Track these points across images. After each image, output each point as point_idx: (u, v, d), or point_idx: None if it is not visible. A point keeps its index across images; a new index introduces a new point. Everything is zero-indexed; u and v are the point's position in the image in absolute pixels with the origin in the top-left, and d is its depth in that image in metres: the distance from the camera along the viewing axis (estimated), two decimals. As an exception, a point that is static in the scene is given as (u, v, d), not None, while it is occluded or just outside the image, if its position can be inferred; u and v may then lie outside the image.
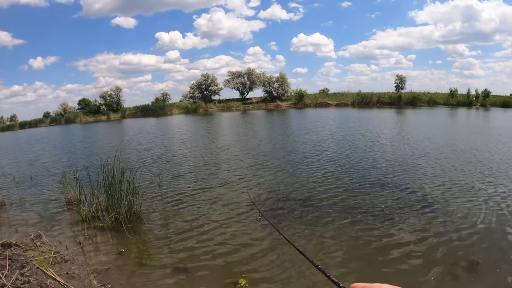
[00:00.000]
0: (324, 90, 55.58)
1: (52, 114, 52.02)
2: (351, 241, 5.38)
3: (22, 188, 9.61)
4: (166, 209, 7.26)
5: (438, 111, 33.01)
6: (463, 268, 4.45)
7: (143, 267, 4.93)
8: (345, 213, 6.47)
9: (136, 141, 19.45)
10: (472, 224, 5.72)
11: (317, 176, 9.15)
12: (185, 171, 10.72)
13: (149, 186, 8.41)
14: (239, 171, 10.21)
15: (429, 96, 44.53)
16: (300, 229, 5.87)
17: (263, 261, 4.84)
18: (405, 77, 49.34)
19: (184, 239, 5.77)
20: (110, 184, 6.73)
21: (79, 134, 29.76)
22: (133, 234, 6.11)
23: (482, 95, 40.27)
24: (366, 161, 10.67)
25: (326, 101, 47.94)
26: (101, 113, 49.98)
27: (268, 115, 35.78)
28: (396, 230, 5.62)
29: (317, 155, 11.97)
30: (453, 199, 6.95)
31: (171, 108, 51.03)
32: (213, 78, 54.14)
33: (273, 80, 52.80)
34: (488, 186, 7.67)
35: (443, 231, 5.50)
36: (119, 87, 52.88)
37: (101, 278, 4.58)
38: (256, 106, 50.90)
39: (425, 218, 6.06)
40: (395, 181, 8.32)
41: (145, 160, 12.55)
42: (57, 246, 5.52)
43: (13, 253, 4.68)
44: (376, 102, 45.36)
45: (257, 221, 6.04)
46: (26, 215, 7.49)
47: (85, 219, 6.73)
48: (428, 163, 10.10)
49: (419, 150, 12.08)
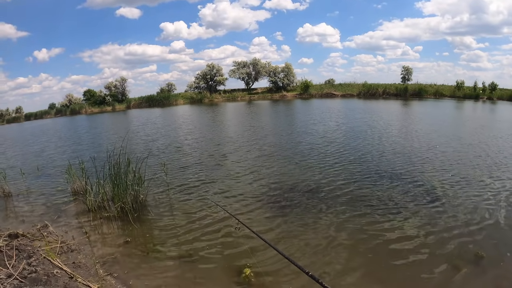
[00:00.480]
0: (330, 80, 55.11)
1: (58, 105, 52.17)
2: (356, 233, 5.35)
3: (28, 179, 9.68)
4: (171, 199, 7.28)
5: (445, 104, 32.64)
6: (467, 261, 4.43)
7: (149, 256, 4.95)
8: (351, 205, 6.44)
9: (142, 131, 19.47)
10: (476, 218, 5.66)
11: (324, 167, 9.10)
12: (191, 161, 10.73)
13: (154, 176, 8.42)
14: (245, 162, 10.18)
15: (436, 88, 43.93)
16: (306, 221, 5.85)
17: (269, 253, 4.83)
18: (411, 69, 48.70)
19: (190, 229, 5.78)
20: (116, 174, 6.75)
21: (85, 125, 29.87)
22: (139, 223, 6.13)
23: (489, 88, 39.60)
24: (373, 153, 10.58)
25: (331, 92, 47.56)
26: (106, 104, 50.08)
27: (274, 105, 35.63)
28: (401, 223, 5.58)
29: (325, 146, 11.90)
30: (459, 193, 6.88)
31: (176, 98, 50.97)
32: (218, 68, 53.90)
33: (279, 71, 52.42)
34: (495, 180, 7.56)
35: (447, 225, 5.46)
36: (124, 77, 52.92)
37: (107, 267, 4.61)
38: (262, 96, 50.67)
39: (430, 211, 6.01)
40: (402, 174, 8.26)
41: (151, 150, 12.56)
42: (64, 236, 5.56)
43: (20, 243, 4.71)
44: (382, 93, 44.93)
45: (236, 230, 5.54)
46: (32, 205, 7.54)
47: (91, 209, 6.77)
48: (435, 156, 9.99)
49: (426, 143, 11.94)
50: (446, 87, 44.48)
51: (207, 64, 54.05)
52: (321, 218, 5.92)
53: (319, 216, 6.00)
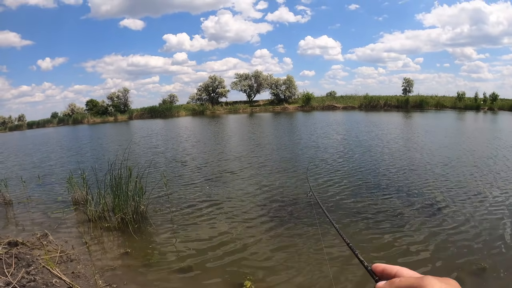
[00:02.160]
0: (331, 93, 55.53)
1: (60, 114, 52.70)
2: (360, 244, 5.31)
3: (29, 188, 9.68)
4: (172, 210, 7.24)
5: (446, 115, 32.68)
6: (469, 273, 4.39)
7: (149, 267, 4.91)
8: (351, 216, 6.41)
9: (144, 142, 19.54)
10: (479, 230, 5.62)
11: (331, 179, 9.10)
12: (192, 173, 10.72)
13: (156, 187, 8.41)
14: (248, 176, 10.12)
15: (437, 100, 44.14)
16: (308, 230, 5.82)
17: (269, 263, 4.80)
18: (412, 80, 49.15)
19: (190, 240, 5.75)
20: (117, 184, 6.74)
21: (87, 135, 29.99)
22: (139, 234, 6.10)
23: (490, 99, 39.77)
24: (378, 166, 10.57)
25: (333, 104, 47.79)
26: (108, 114, 50.41)
27: (276, 118, 35.72)
28: (402, 234, 5.54)
29: (337, 159, 11.90)
30: (462, 204, 6.84)
31: (178, 109, 51.30)
32: (221, 80, 54.38)
33: (280, 83, 52.87)
34: (499, 193, 7.52)
35: (450, 236, 5.41)
36: (126, 88, 53.52)
37: (107, 278, 4.57)
38: (263, 108, 50.92)
39: (433, 223, 5.97)
40: (405, 186, 8.24)
41: (152, 161, 12.57)
42: (63, 246, 5.53)
43: (20, 252, 4.69)
44: (383, 105, 45.15)
45: (307, 196, 6.73)
46: (33, 214, 7.53)
47: (91, 219, 6.75)
48: (440, 168, 9.94)
49: (430, 156, 11.89)
50: (447, 98, 44.69)
51: (209, 76, 54.71)
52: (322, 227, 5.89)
53: (320, 225, 5.97)
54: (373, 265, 0.78)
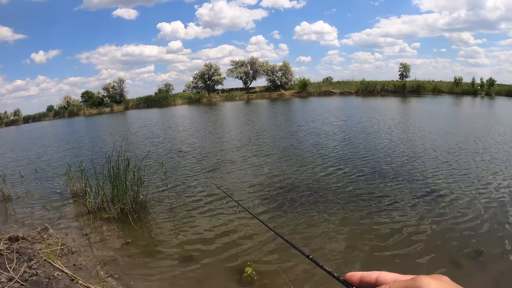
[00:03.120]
0: (328, 78, 55.17)
1: (56, 107, 52.18)
2: (356, 228, 5.38)
3: (27, 182, 9.68)
4: (171, 199, 7.27)
5: (443, 100, 32.67)
6: (467, 256, 4.45)
7: (149, 257, 4.95)
8: (351, 201, 6.47)
9: (140, 132, 19.46)
10: (477, 214, 5.69)
11: (327, 165, 9.13)
12: (190, 161, 10.73)
13: (154, 176, 8.41)
14: (245, 161, 10.17)
15: (434, 85, 44.00)
16: (306, 215, 5.86)
17: (269, 249, 4.84)
18: (409, 66, 49.00)
19: (190, 228, 5.79)
20: (115, 175, 6.74)
21: (83, 127, 29.83)
22: (139, 224, 6.13)
23: (487, 84, 39.72)
24: (378, 151, 10.62)
25: (329, 90, 47.61)
26: (104, 105, 50.06)
27: (273, 104, 35.62)
28: (401, 219, 5.60)
29: (329, 145, 11.93)
30: (460, 189, 6.90)
31: (174, 98, 50.98)
32: (216, 67, 53.96)
33: (277, 69, 52.47)
34: (497, 177, 7.58)
35: (448, 221, 5.48)
36: (122, 78, 52.91)
37: (108, 269, 4.61)
38: (260, 95, 50.69)
39: (431, 207, 6.04)
40: (405, 171, 8.29)
41: (150, 151, 12.55)
42: (64, 238, 5.55)
43: (21, 246, 4.71)
44: (380, 90, 45.01)
45: (236, 213, 5.81)
46: (32, 208, 7.54)
47: (91, 211, 6.77)
48: (438, 154, 10.02)
49: (430, 142, 11.91)
50: (444, 83, 44.55)
51: (205, 64, 54.17)
52: (320, 213, 5.92)
53: (318, 211, 6.00)
54: (347, 274, 0.70)
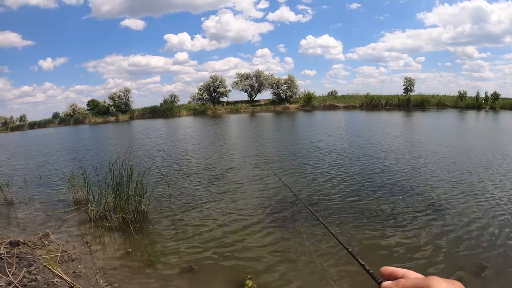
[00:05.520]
0: (333, 92, 55.40)
1: (61, 114, 52.77)
2: (360, 244, 5.32)
3: (31, 188, 9.71)
4: (173, 210, 7.25)
5: (448, 114, 32.58)
6: (470, 272, 4.38)
7: (150, 267, 4.92)
8: (352, 216, 6.41)
9: (145, 142, 19.54)
10: (480, 229, 5.62)
11: (335, 178, 9.09)
12: (193, 173, 10.72)
13: (157, 186, 8.41)
14: (250, 177, 10.09)
15: (438, 99, 44.02)
16: (311, 230, 5.82)
17: (270, 262, 4.80)
18: (413, 80, 49.08)
19: (191, 239, 5.75)
20: (118, 184, 6.74)
21: (88, 135, 30.01)
22: (140, 234, 6.10)
23: (491, 98, 39.66)
24: (382, 165, 10.58)
25: (334, 104, 47.75)
26: (109, 114, 50.48)
27: (277, 118, 35.68)
28: (403, 233, 5.53)
29: (338, 160, 11.90)
30: (464, 204, 6.82)
31: (179, 109, 51.35)
32: (222, 80, 54.43)
33: (282, 82, 52.82)
34: (500, 191, 7.50)
35: (451, 235, 5.41)
36: (128, 88, 53.53)
37: (108, 278, 4.58)
38: (264, 108, 50.92)
39: (434, 221, 5.96)
40: (408, 185, 8.23)
41: (154, 161, 12.58)
42: (65, 245, 5.54)
43: (21, 251, 4.70)
44: (385, 104, 45.09)
45: (293, 205, 6.86)
46: (34, 214, 7.55)
47: (92, 219, 6.76)
48: (443, 168, 9.93)
49: (434, 156, 11.85)
50: (448, 97, 44.57)
51: (211, 76, 54.72)
52: (321, 226, 5.88)
53: (318, 224, 5.96)
54: (382, 268, 0.79)
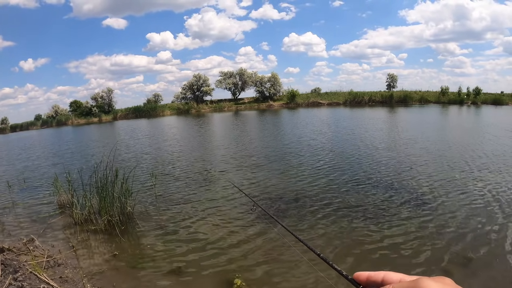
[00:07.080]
0: (316, 89, 55.80)
1: (44, 116, 51.57)
2: (347, 238, 5.44)
3: (14, 192, 9.55)
4: (159, 211, 7.26)
5: (430, 109, 33.33)
6: (456, 264, 4.54)
7: (137, 269, 4.93)
8: (339, 211, 6.54)
9: (128, 143, 19.36)
10: (465, 221, 5.82)
11: (316, 175, 9.22)
12: (178, 172, 10.72)
13: (142, 187, 8.40)
14: (234, 173, 10.21)
15: (421, 95, 44.96)
16: (295, 225, 5.91)
17: (258, 260, 4.89)
18: (396, 76, 50.02)
19: (177, 240, 5.78)
20: (102, 186, 6.71)
21: (71, 138, 29.50)
22: (126, 236, 6.10)
23: (473, 93, 40.69)
24: (366, 161, 10.79)
25: (318, 101, 48.15)
26: (92, 115, 49.67)
27: (261, 115, 35.78)
28: (389, 227, 5.69)
29: (319, 157, 12.04)
30: (447, 197, 7.05)
31: (163, 109, 50.90)
32: (205, 78, 54.12)
33: (265, 80, 52.88)
34: (483, 184, 7.76)
35: (436, 228, 5.59)
36: (110, 88, 52.65)
37: (95, 282, 4.58)
38: (248, 106, 50.95)
39: (419, 215, 6.15)
40: (392, 181, 8.42)
41: (138, 162, 12.51)
42: (50, 250, 5.50)
43: (6, 258, 4.66)
44: (368, 101, 45.72)
45: (252, 211, 6.24)
46: (18, 219, 7.43)
47: (77, 222, 6.71)
48: (424, 162, 10.23)
49: (416, 150, 12.20)
50: (431, 93, 45.55)
51: (194, 75, 54.35)
52: (308, 223, 5.99)
53: (306, 221, 6.07)
54: (355, 274, 0.73)
